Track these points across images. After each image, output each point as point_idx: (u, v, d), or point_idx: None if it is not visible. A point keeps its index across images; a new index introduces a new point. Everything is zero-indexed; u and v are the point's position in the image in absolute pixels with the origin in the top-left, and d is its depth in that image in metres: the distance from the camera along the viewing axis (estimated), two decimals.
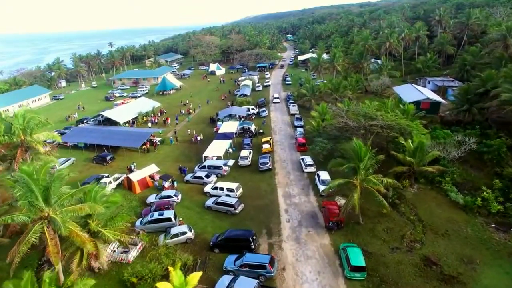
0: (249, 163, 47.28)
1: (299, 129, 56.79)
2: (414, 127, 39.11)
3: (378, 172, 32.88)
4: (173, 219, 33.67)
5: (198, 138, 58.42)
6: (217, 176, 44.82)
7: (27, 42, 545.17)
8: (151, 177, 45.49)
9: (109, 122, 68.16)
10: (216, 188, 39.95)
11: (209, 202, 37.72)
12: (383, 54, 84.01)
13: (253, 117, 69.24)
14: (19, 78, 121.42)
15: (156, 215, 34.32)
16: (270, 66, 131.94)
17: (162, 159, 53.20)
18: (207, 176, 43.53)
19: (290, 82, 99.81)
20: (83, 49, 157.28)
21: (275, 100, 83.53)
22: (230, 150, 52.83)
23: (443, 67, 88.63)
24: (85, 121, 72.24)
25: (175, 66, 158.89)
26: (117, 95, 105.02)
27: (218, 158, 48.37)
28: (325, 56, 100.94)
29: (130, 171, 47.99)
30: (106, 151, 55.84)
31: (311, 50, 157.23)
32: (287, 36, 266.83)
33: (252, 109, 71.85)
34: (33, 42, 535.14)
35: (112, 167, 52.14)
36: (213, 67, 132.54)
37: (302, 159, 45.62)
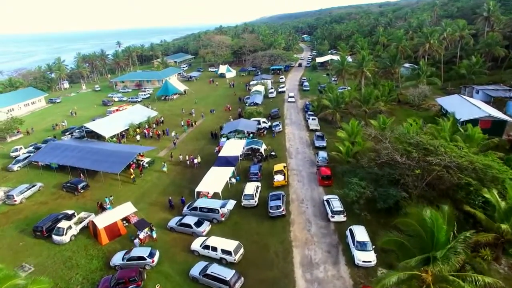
0: (256, 203, 35.57)
1: (321, 154, 44.51)
2: (500, 170, 26.48)
3: None
4: None
5: (195, 161, 47.09)
6: (211, 222, 33.40)
7: (42, 42, 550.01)
8: (126, 219, 34.44)
9: (96, 135, 57.81)
10: (207, 247, 28.47)
11: (195, 271, 26.27)
12: (420, 57, 70.68)
13: (264, 132, 57.45)
14: (15, 79, 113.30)
15: None
16: (286, 69, 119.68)
17: (147, 190, 42.09)
18: (198, 224, 32.10)
19: (308, 88, 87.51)
20: (97, 49, 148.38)
21: (290, 99, 77.65)
22: (233, 180, 41.30)
23: (490, 72, 74.66)
24: (67, 133, 62.09)
25: (184, 67, 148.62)
26: (116, 99, 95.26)
27: (215, 194, 36.92)
28: (348, 58, 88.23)
29: (102, 209, 37.06)
30: (81, 175, 45.30)
31: (330, 52, 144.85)
32: (303, 36, 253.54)
33: (264, 122, 60.00)
34: (48, 42, 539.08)
35: (84, 197, 41.45)
36: (222, 69, 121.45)
37: (328, 201, 33.57)
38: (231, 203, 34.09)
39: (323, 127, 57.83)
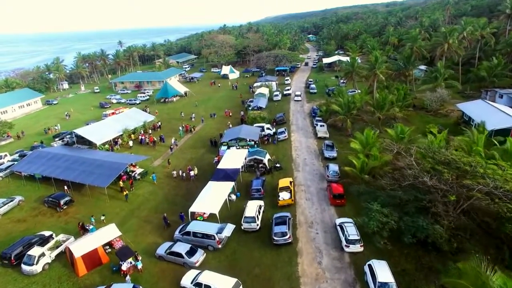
0: (258, 227, 30.96)
1: (332, 167, 39.68)
2: None
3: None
4: None
5: (192, 173, 42.57)
6: (207, 248, 28.90)
7: (46, 42, 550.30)
8: (110, 244, 30.06)
9: (88, 140, 53.58)
10: (199, 285, 23.91)
11: None
12: (437, 59, 65.50)
13: (269, 140, 52.81)
14: (12, 79, 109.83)
15: None
16: (291, 70, 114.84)
17: (137, 206, 37.68)
18: (191, 252, 27.56)
19: (315, 91, 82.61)
20: (102, 48, 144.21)
21: (296, 98, 76.49)
22: (233, 197, 36.73)
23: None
24: (57, 139, 57.93)
25: (186, 68, 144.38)
26: (114, 101, 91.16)
27: (212, 215, 32.37)
28: (357, 59, 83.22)
29: (84, 230, 32.69)
30: (66, 188, 41.06)
31: (337, 52, 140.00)
32: (309, 36, 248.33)
33: (268, 128, 55.31)
34: (53, 42, 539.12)
35: (68, 214, 37.14)
36: (225, 69, 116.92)
37: (341, 226, 28.84)
38: (230, 229, 29.49)
39: (332, 135, 53.06)
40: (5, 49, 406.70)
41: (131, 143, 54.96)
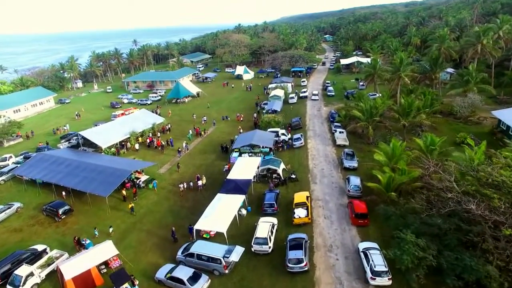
0: (270, 249, 27.50)
1: (353, 180, 35.79)
2: None
3: None
4: None
5: (200, 182, 39.46)
6: (212, 273, 25.69)
7: (66, 41, 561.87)
8: (106, 263, 27.22)
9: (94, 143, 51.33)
10: None
11: None
12: (468, 61, 60.33)
13: (283, 147, 49.25)
14: (27, 78, 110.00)
15: None
16: (308, 71, 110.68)
17: (139, 218, 34.82)
18: (194, 278, 24.35)
19: (333, 93, 78.41)
20: (119, 46, 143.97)
21: (313, 97, 76.02)
22: (243, 211, 33.41)
23: None
24: (63, 140, 56.03)
25: (200, 68, 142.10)
26: (125, 101, 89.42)
27: (219, 233, 29.12)
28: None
29: (79, 245, 29.99)
30: (65, 194, 38.71)
31: (355, 53, 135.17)
32: (325, 36, 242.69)
33: (283, 134, 51.80)
34: (72, 40, 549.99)
35: (66, 225, 34.68)
36: (240, 70, 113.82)
37: (365, 253, 25.05)
38: (238, 252, 26.13)
39: (351, 142, 48.99)
40: (26, 48, 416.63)
41: (137, 146, 52.48)
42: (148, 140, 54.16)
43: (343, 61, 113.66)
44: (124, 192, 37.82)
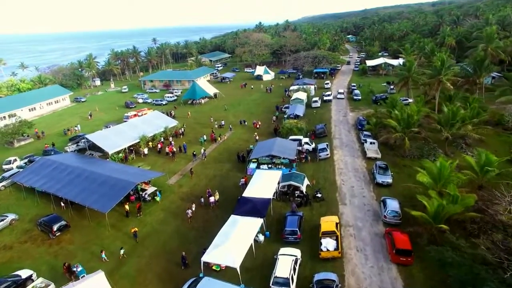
0: None
1: (391, 204, 30.11)
2: None
3: None
4: None
5: (212, 199, 34.82)
6: None
7: (93, 39, 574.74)
8: None
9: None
10: None
11: None
12: None
13: (307, 158, 43.86)
14: (45, 76, 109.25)
15: None
16: (331, 72, 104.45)
17: (142, 240, 30.47)
18: None
19: (360, 97, 72.26)
20: (133, 45, 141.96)
21: (339, 96, 74.59)
22: (260, 237, 28.49)
23: None
24: (70, 143, 52.83)
25: (218, 67, 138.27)
26: (140, 101, 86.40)
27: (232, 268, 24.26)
28: (400, 62, 71.88)
29: (69, 273, 25.92)
30: (63, 205, 35.05)
31: (381, 54, 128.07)
32: (348, 36, 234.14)
33: (307, 143, 46.50)
34: (99, 38, 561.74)
35: (60, 243, 30.82)
36: (260, 70, 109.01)
37: None
38: None
39: (383, 154, 43.11)
40: (53, 46, 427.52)
41: (146, 150, 48.52)
42: (159, 146, 50.13)
43: (369, 63, 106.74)
44: (127, 206, 33.68)
